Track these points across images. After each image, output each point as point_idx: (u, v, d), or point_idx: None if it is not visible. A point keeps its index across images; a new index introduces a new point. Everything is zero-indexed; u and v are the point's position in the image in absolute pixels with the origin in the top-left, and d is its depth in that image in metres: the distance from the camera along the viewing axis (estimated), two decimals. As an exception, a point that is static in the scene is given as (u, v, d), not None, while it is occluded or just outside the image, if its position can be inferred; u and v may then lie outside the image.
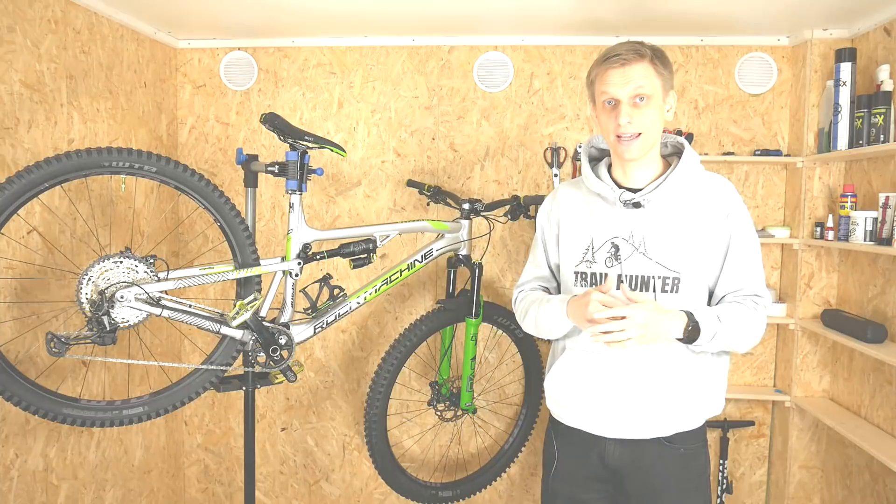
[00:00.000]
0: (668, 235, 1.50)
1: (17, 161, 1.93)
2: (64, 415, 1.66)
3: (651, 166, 1.54)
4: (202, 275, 1.79)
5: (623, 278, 1.52)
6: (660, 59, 1.46)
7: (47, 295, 2.05)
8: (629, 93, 1.43)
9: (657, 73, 1.45)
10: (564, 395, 1.61)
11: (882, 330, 2.16)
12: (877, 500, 2.29)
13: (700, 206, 1.51)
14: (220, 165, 2.83)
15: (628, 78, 1.43)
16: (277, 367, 1.96)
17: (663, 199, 1.52)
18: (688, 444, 1.55)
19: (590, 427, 1.58)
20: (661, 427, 1.53)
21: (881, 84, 2.19)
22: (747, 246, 1.51)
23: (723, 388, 1.60)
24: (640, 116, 1.44)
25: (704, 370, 1.54)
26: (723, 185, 1.53)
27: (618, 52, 1.44)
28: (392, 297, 2.84)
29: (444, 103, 2.76)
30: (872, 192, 2.31)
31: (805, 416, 2.60)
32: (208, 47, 2.79)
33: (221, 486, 2.97)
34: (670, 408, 1.52)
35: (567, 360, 1.60)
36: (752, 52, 2.63)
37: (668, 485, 1.55)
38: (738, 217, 1.51)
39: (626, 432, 1.54)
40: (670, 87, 1.50)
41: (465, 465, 2.87)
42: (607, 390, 1.54)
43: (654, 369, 1.51)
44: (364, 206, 2.82)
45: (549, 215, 1.68)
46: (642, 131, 1.45)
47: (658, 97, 1.46)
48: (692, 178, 1.53)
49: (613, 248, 1.55)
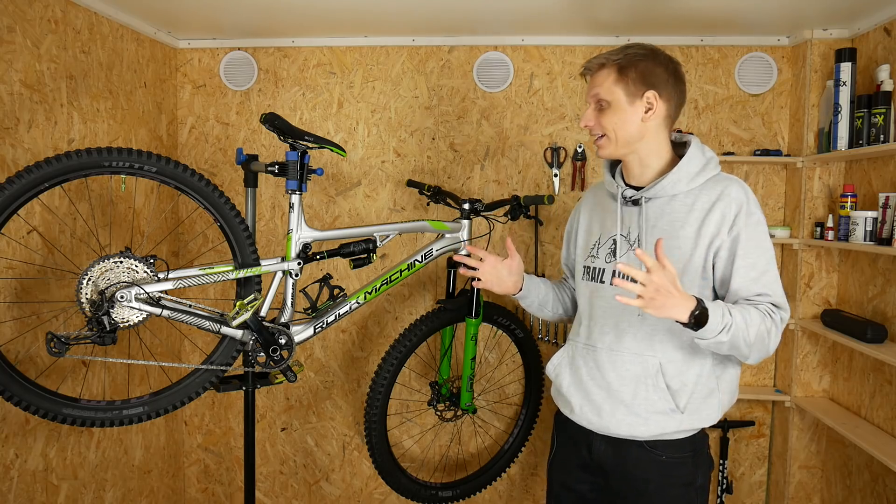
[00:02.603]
0: (661, 233, 1.50)
1: (17, 161, 1.93)
2: (64, 415, 1.65)
3: (653, 164, 1.56)
4: (202, 275, 1.79)
5: (617, 274, 1.55)
6: (626, 64, 1.50)
7: (47, 295, 2.05)
8: (592, 99, 1.56)
9: (617, 80, 1.51)
10: (560, 383, 1.67)
11: (882, 330, 2.16)
12: (877, 500, 2.29)
13: (701, 206, 1.49)
14: (220, 165, 2.83)
15: (591, 85, 1.56)
16: (277, 367, 1.96)
17: (664, 198, 1.52)
18: (669, 452, 1.53)
19: (577, 418, 1.62)
20: (639, 426, 1.52)
21: (881, 84, 2.19)
22: (756, 252, 1.46)
23: (717, 400, 1.53)
24: (603, 119, 1.54)
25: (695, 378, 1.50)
26: (732, 189, 1.49)
27: (587, 63, 1.57)
28: (392, 297, 2.84)
29: (444, 103, 2.76)
30: (872, 192, 2.32)
31: (805, 416, 2.60)
32: (208, 47, 2.79)
33: (221, 486, 2.97)
34: (651, 409, 1.51)
35: (566, 351, 1.68)
36: (752, 52, 2.64)
37: (649, 489, 1.54)
38: (746, 222, 1.46)
39: (608, 430, 1.56)
40: (646, 88, 1.50)
41: (465, 465, 2.87)
42: (595, 384, 1.57)
43: (642, 368, 1.51)
44: (364, 206, 2.82)
45: (574, 213, 1.81)
46: (606, 133, 1.54)
47: (620, 102, 1.51)
48: (699, 178, 1.51)
49: (613, 243, 1.60)
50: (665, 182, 1.51)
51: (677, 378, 1.50)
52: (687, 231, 1.49)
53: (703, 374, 1.51)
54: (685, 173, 1.51)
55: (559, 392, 1.68)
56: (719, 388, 1.53)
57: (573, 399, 1.62)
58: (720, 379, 1.54)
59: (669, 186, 1.51)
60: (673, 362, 1.50)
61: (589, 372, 1.59)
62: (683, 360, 1.51)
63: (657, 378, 1.50)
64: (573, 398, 1.62)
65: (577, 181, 2.70)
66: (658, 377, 1.50)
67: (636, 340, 1.53)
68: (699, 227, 1.48)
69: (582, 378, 1.60)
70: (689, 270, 1.49)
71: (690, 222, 1.49)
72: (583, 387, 1.60)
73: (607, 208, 1.65)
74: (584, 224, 1.73)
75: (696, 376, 1.51)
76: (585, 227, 1.72)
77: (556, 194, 2.72)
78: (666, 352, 1.51)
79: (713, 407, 1.53)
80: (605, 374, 1.56)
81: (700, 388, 1.51)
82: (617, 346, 1.55)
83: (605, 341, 1.57)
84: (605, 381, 1.56)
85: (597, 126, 1.55)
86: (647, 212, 1.54)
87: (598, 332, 1.59)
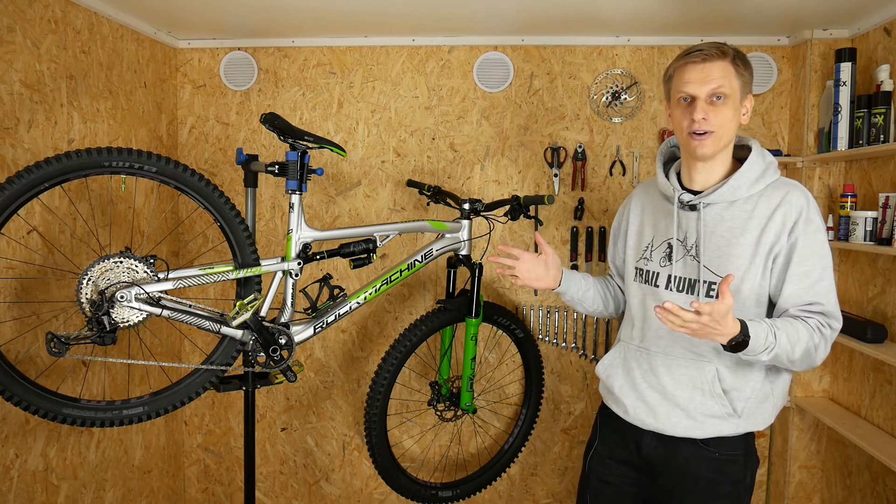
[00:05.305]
0: (720, 241, 1.48)
1: (17, 161, 1.93)
2: (64, 415, 1.66)
3: (719, 169, 1.51)
4: (202, 275, 1.79)
5: (672, 279, 1.53)
6: (742, 60, 1.46)
7: (47, 295, 2.05)
8: (707, 90, 1.42)
9: (737, 74, 1.44)
10: (612, 384, 1.65)
11: (882, 330, 2.16)
12: (877, 500, 2.29)
13: (761, 213, 1.45)
14: (220, 165, 2.83)
15: (707, 75, 1.42)
16: (277, 367, 1.96)
17: (722, 204, 1.49)
18: (724, 449, 1.53)
19: (630, 417, 1.61)
20: (695, 429, 1.52)
21: (881, 84, 2.19)
22: (811, 260, 1.43)
23: (771, 405, 1.54)
24: (716, 114, 1.43)
25: (752, 384, 1.50)
26: (793, 194, 1.45)
27: (700, 48, 1.44)
28: (392, 297, 2.84)
29: (443, 103, 2.76)
30: (872, 192, 2.32)
31: (805, 416, 2.60)
32: (208, 47, 2.79)
33: (221, 486, 2.97)
34: (707, 413, 1.51)
35: (619, 352, 1.67)
36: (752, 52, 2.63)
37: (699, 486, 1.54)
38: (805, 229, 1.43)
39: (662, 428, 1.55)
40: (749, 90, 1.49)
41: (465, 465, 2.87)
42: (650, 386, 1.56)
43: (698, 373, 1.51)
44: (364, 206, 2.82)
45: (623, 211, 1.76)
46: (715, 130, 1.44)
47: (735, 98, 1.45)
48: (759, 184, 1.48)
49: (668, 248, 1.56)
50: (725, 188, 1.47)
51: (734, 383, 1.49)
52: (747, 238, 1.46)
53: (760, 379, 1.51)
54: (746, 179, 1.47)
55: (610, 392, 1.67)
56: (773, 394, 1.53)
57: (626, 400, 1.61)
58: (774, 384, 1.54)
59: (729, 192, 1.47)
60: (729, 368, 1.49)
61: (643, 374, 1.58)
62: (739, 366, 1.50)
63: (714, 384, 1.49)
64: (626, 399, 1.61)
65: (577, 181, 2.70)
66: (715, 383, 1.49)
67: (692, 346, 1.52)
68: (759, 234, 1.45)
69: (636, 380, 1.59)
70: (748, 278, 1.46)
71: (750, 229, 1.46)
72: (636, 388, 1.59)
73: (661, 210, 1.61)
74: (634, 224, 1.68)
75: (752, 381, 1.50)
76: (637, 228, 1.67)
77: (556, 194, 2.72)
78: (722, 358, 1.49)
79: (768, 411, 1.54)
80: (659, 378, 1.55)
81: (756, 394, 1.51)
82: (672, 351, 1.54)
83: (660, 345, 1.56)
84: (659, 384, 1.55)
85: (709, 120, 1.43)
86: (706, 218, 1.49)
87: (653, 335, 1.58)
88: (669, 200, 1.58)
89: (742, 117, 1.49)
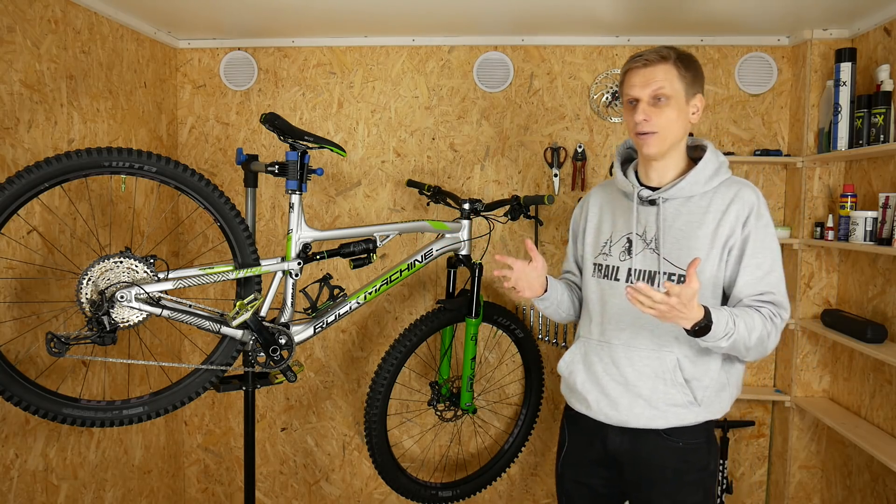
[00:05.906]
0: (678, 234, 1.54)
1: (17, 161, 1.93)
2: (64, 415, 1.66)
3: (674, 166, 1.58)
4: (202, 275, 1.79)
5: (632, 272, 1.58)
6: (684, 62, 1.52)
7: (47, 295, 2.05)
8: (648, 92, 1.50)
9: (680, 76, 1.51)
10: (574, 380, 1.68)
11: (882, 330, 2.16)
12: (877, 500, 2.29)
13: (717, 208, 1.53)
14: (220, 165, 2.83)
15: (648, 78, 1.51)
16: (277, 367, 1.96)
17: (679, 199, 1.56)
18: (686, 438, 1.57)
19: (594, 414, 1.63)
20: (658, 419, 1.56)
21: (881, 84, 2.19)
22: (763, 252, 1.51)
23: (728, 394, 1.60)
24: (658, 115, 1.51)
25: (710, 373, 1.56)
26: (745, 192, 1.54)
27: (641, 54, 1.53)
28: (392, 297, 2.84)
29: (443, 103, 2.76)
30: (872, 192, 2.32)
31: (805, 416, 2.60)
32: (208, 47, 2.79)
33: (221, 486, 2.97)
34: (670, 402, 1.55)
35: (579, 348, 1.70)
36: (752, 52, 2.63)
37: (665, 476, 1.58)
38: (756, 223, 1.52)
39: (626, 423, 1.58)
40: (697, 90, 1.55)
41: (465, 465, 2.87)
42: (612, 378, 1.60)
43: (659, 363, 1.55)
44: (364, 206, 2.82)
45: (581, 210, 1.80)
46: (658, 130, 1.51)
47: (679, 99, 1.51)
48: (713, 181, 1.55)
49: (628, 242, 1.62)
50: (684, 183, 1.54)
51: (694, 372, 1.55)
52: (704, 231, 1.52)
53: (717, 368, 1.56)
54: (703, 175, 1.54)
55: (572, 389, 1.69)
56: (730, 383, 1.60)
57: (589, 395, 1.64)
58: (730, 374, 1.60)
59: (687, 188, 1.54)
60: (689, 358, 1.55)
61: (605, 368, 1.61)
62: (698, 355, 1.55)
63: (675, 373, 1.54)
64: (589, 394, 1.64)
65: (577, 181, 2.70)
66: (676, 372, 1.54)
67: (654, 336, 1.56)
68: (715, 227, 1.52)
69: (597, 374, 1.62)
70: (706, 269, 1.52)
71: (707, 223, 1.52)
72: (599, 382, 1.62)
73: (620, 207, 1.66)
74: (593, 221, 1.73)
75: (710, 371, 1.56)
76: (595, 225, 1.72)
77: (556, 194, 2.72)
78: (682, 347, 1.54)
79: (725, 400, 1.60)
80: (622, 370, 1.58)
81: (714, 383, 1.56)
82: (634, 342, 1.58)
83: (622, 337, 1.59)
84: (622, 376, 1.58)
85: (651, 121, 1.51)
86: (665, 212, 1.56)
87: (614, 328, 1.61)
88: (628, 197, 1.64)
89: (691, 116, 1.55)
